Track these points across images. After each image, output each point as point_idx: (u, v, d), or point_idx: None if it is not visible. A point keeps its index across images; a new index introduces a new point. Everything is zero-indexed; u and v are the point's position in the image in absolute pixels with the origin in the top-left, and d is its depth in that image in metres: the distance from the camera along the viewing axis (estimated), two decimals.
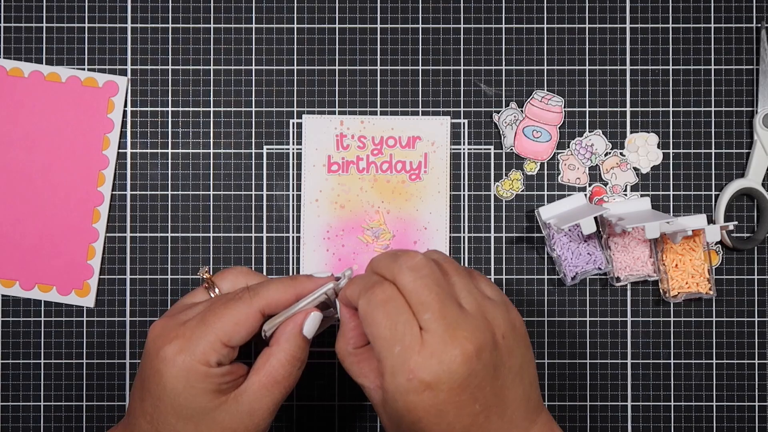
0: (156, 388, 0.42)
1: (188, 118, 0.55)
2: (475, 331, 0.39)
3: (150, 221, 0.55)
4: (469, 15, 0.56)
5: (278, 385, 0.43)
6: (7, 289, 0.55)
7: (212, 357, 0.42)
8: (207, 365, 0.42)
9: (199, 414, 0.42)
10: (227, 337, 0.42)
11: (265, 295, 0.44)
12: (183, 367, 0.41)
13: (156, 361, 0.42)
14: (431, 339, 0.38)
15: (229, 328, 0.42)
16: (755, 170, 0.55)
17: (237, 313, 0.43)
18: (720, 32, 0.56)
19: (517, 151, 0.55)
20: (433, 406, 0.38)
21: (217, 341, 0.42)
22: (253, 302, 0.43)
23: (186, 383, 0.41)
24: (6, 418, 0.55)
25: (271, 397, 0.43)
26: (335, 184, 0.55)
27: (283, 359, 0.43)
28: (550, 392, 0.55)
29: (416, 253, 0.41)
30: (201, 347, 0.42)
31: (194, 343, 0.42)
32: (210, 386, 0.42)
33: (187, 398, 0.41)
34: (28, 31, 0.55)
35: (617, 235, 0.54)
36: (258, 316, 0.43)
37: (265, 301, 0.44)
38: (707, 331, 0.55)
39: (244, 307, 0.43)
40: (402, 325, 0.39)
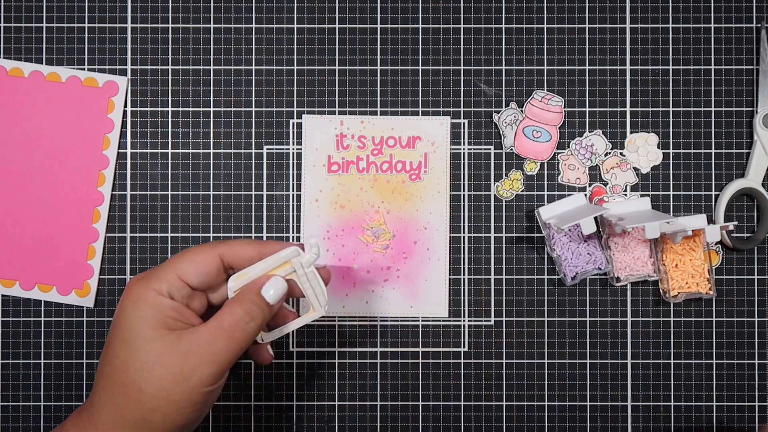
0: (114, 320, 0.44)
1: (188, 118, 0.55)
2: None
3: (150, 221, 0.55)
4: (469, 15, 0.56)
5: (222, 332, 0.43)
6: (7, 289, 0.55)
7: (163, 285, 0.43)
8: (157, 293, 0.43)
9: (140, 340, 0.42)
10: (182, 270, 0.44)
11: (229, 243, 0.45)
12: (135, 292, 0.43)
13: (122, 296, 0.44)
14: None
15: (186, 263, 0.44)
16: (755, 170, 0.55)
17: (197, 253, 0.45)
18: (720, 32, 0.56)
19: (517, 151, 0.55)
20: None
21: (171, 273, 0.44)
22: (214, 246, 0.45)
23: (135, 307, 0.43)
24: (6, 418, 0.55)
25: (212, 343, 0.42)
26: (335, 184, 0.55)
27: (234, 309, 0.43)
28: (550, 392, 0.55)
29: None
30: (156, 276, 0.44)
31: (152, 274, 0.44)
32: (158, 315, 0.43)
33: (132, 320, 0.42)
34: (28, 31, 0.55)
35: (617, 235, 0.54)
36: (216, 259, 0.45)
37: (225, 248, 0.45)
38: (707, 331, 0.55)
39: (204, 247, 0.45)
40: None
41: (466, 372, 0.55)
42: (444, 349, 0.55)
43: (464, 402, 0.55)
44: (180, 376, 0.42)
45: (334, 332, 0.55)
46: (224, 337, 0.43)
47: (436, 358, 0.55)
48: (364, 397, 0.55)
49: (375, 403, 0.55)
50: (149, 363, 0.42)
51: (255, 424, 0.55)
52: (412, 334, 0.55)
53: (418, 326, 0.55)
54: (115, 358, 0.43)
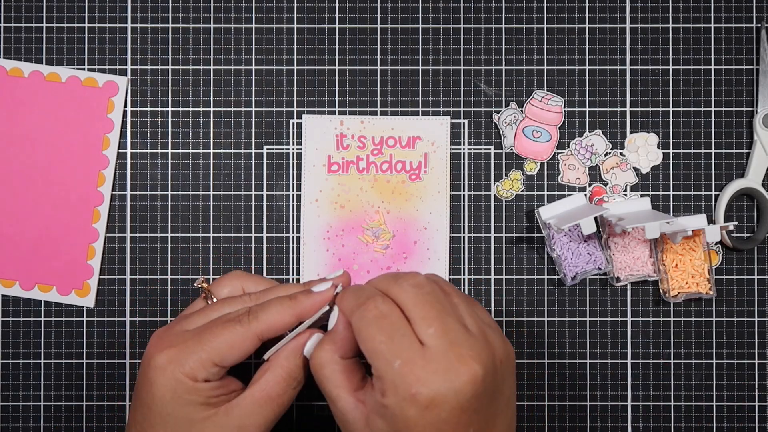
0: (146, 397, 0.42)
1: (188, 118, 0.55)
2: (480, 353, 0.38)
3: (150, 221, 0.55)
4: (469, 15, 0.56)
5: (271, 402, 0.42)
6: (7, 289, 0.55)
7: (200, 373, 0.41)
8: (194, 380, 0.41)
9: (185, 425, 0.41)
10: (219, 357, 0.42)
11: (265, 319, 0.43)
12: (171, 377, 0.41)
13: (148, 369, 0.42)
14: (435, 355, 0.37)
15: (223, 349, 0.42)
16: (755, 170, 0.55)
17: (233, 336, 0.42)
18: (720, 32, 0.56)
19: (517, 151, 0.55)
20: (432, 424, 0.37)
21: (208, 360, 0.41)
22: (251, 326, 0.42)
23: (173, 394, 0.41)
24: (6, 418, 0.55)
25: (262, 413, 0.42)
26: (335, 184, 0.55)
27: (280, 376, 0.43)
28: (550, 392, 0.55)
29: (417, 273, 0.41)
30: (191, 362, 0.41)
31: (185, 356, 0.41)
32: (197, 399, 0.41)
33: (174, 408, 0.41)
34: (28, 31, 0.55)
35: (617, 235, 0.54)
36: (255, 340, 0.43)
37: (264, 326, 0.43)
38: (707, 331, 0.55)
39: (241, 330, 0.42)
40: (399, 338, 0.38)
41: None
42: None
43: None
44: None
45: None
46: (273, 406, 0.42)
47: None
48: None
49: None
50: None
51: None
52: None
53: None
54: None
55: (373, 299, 0.40)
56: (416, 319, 0.38)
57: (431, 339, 0.38)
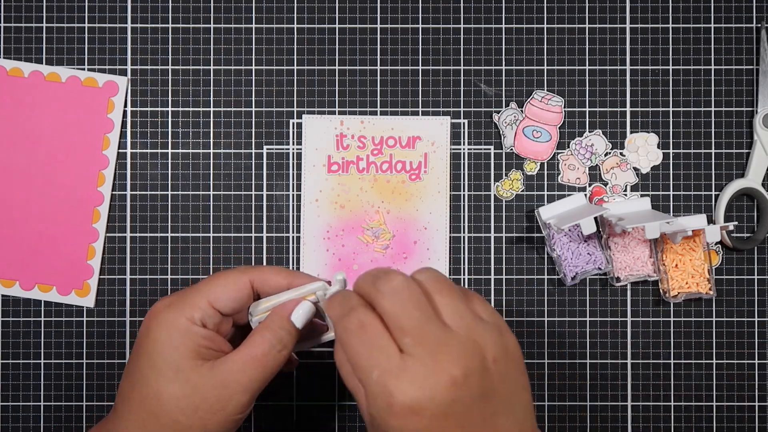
0: (141, 345, 0.43)
1: (188, 118, 0.55)
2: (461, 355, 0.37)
3: (150, 221, 0.55)
4: (469, 15, 0.56)
5: (256, 361, 0.43)
6: (7, 289, 0.55)
7: (196, 313, 0.43)
8: (191, 320, 0.43)
9: (173, 369, 0.42)
10: (215, 297, 0.43)
11: (260, 269, 0.45)
12: (167, 319, 0.43)
13: (147, 320, 0.44)
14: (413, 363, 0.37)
15: (218, 289, 0.44)
16: (755, 170, 0.55)
17: (226, 278, 0.44)
18: (720, 32, 0.56)
19: (517, 151, 0.55)
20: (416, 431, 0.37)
21: (203, 300, 0.43)
22: (245, 272, 0.45)
23: (167, 335, 0.42)
24: (6, 418, 0.55)
25: (246, 372, 0.42)
26: (335, 184, 0.55)
27: (266, 338, 0.43)
28: (550, 392, 0.55)
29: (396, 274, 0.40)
30: (188, 304, 0.43)
31: (182, 300, 0.43)
32: (190, 344, 0.42)
33: (165, 350, 0.42)
34: (28, 31, 0.55)
35: (617, 235, 0.54)
36: (247, 285, 0.44)
37: (257, 274, 0.45)
38: (707, 331, 0.55)
39: (236, 273, 0.45)
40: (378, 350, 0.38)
41: None
42: None
43: None
44: (217, 407, 0.42)
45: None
46: (257, 366, 0.43)
47: None
48: None
49: None
50: (186, 395, 0.42)
51: (255, 424, 0.55)
52: None
53: None
54: (146, 387, 0.42)
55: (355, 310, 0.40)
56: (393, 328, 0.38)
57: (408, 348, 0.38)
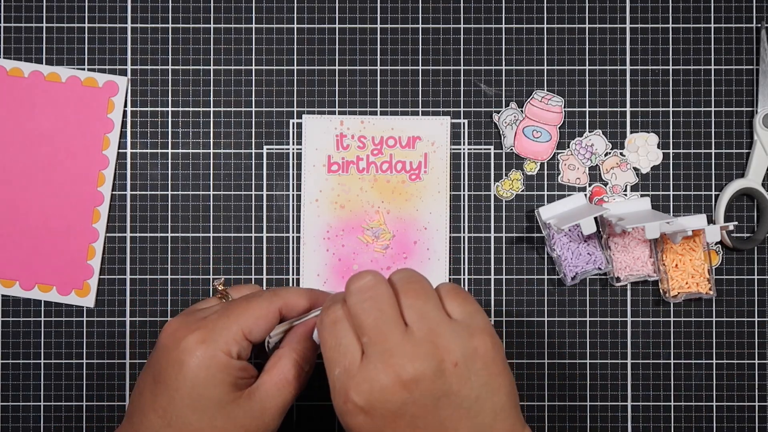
0: (174, 380, 0.42)
1: (188, 118, 0.55)
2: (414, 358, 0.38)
3: (150, 221, 0.55)
4: (469, 15, 0.56)
5: (289, 385, 0.43)
6: (7, 289, 0.55)
7: (234, 348, 0.42)
8: (229, 356, 0.42)
9: (215, 406, 0.42)
10: (249, 329, 0.43)
11: (285, 295, 0.45)
12: (205, 356, 0.41)
13: (176, 352, 0.42)
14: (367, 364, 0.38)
15: (251, 321, 0.43)
16: (755, 170, 0.55)
17: (259, 308, 0.44)
18: (720, 32, 0.56)
19: (517, 151, 0.55)
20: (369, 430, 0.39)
21: (239, 332, 0.43)
22: (273, 300, 0.44)
23: (207, 372, 0.41)
24: (6, 418, 0.55)
25: (281, 396, 0.43)
26: (335, 184, 0.55)
27: (294, 360, 0.44)
28: (550, 392, 0.55)
29: (368, 273, 0.41)
30: (224, 337, 0.42)
31: (217, 334, 0.42)
32: (229, 378, 0.42)
33: (206, 388, 0.41)
34: (28, 31, 0.55)
35: (617, 235, 0.54)
36: (277, 314, 0.44)
37: (284, 301, 0.45)
38: (707, 331, 0.55)
39: (265, 303, 0.44)
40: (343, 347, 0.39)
41: None
42: None
43: None
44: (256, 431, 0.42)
45: None
46: (291, 389, 0.44)
47: None
48: None
49: None
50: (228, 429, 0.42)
51: None
52: None
53: None
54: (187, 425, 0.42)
55: (334, 305, 0.41)
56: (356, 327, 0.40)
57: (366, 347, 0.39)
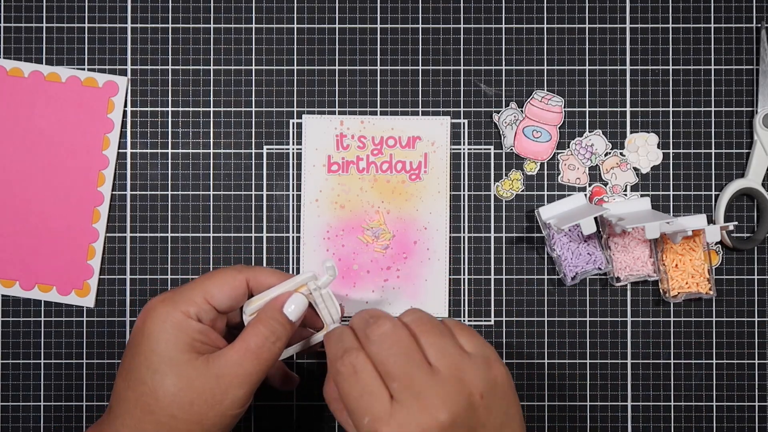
0: (135, 341, 0.43)
1: (188, 118, 0.55)
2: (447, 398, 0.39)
3: (150, 221, 0.55)
4: (469, 15, 0.56)
5: (250, 353, 0.43)
6: (7, 289, 0.55)
7: (192, 308, 0.43)
8: (185, 315, 0.43)
9: (168, 365, 0.42)
10: (211, 293, 0.44)
11: (255, 269, 0.46)
12: (161, 313, 0.43)
13: (142, 315, 0.44)
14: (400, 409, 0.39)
15: (214, 286, 0.44)
16: (755, 170, 0.55)
17: (224, 275, 0.45)
18: (720, 32, 0.56)
19: (517, 151, 0.55)
20: None
21: (199, 295, 0.44)
22: (241, 270, 0.45)
23: (161, 329, 0.42)
24: (6, 418, 0.55)
25: (241, 365, 0.42)
26: (335, 184, 0.55)
27: (259, 330, 0.44)
28: (550, 392, 0.55)
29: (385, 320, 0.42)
30: (184, 299, 0.44)
31: (178, 296, 0.44)
32: (183, 337, 0.42)
33: (160, 344, 0.42)
34: (28, 31, 0.55)
35: (617, 235, 0.54)
36: (243, 284, 0.45)
37: (252, 273, 0.45)
38: (707, 331, 0.55)
39: (231, 272, 0.45)
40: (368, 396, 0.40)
41: None
42: None
43: None
44: (213, 401, 0.42)
45: None
46: (252, 358, 0.43)
47: None
48: None
49: None
50: (181, 389, 0.42)
51: (255, 424, 0.55)
52: None
53: None
54: (142, 384, 0.42)
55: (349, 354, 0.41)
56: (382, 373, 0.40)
57: (396, 393, 0.39)
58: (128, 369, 0.43)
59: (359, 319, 0.43)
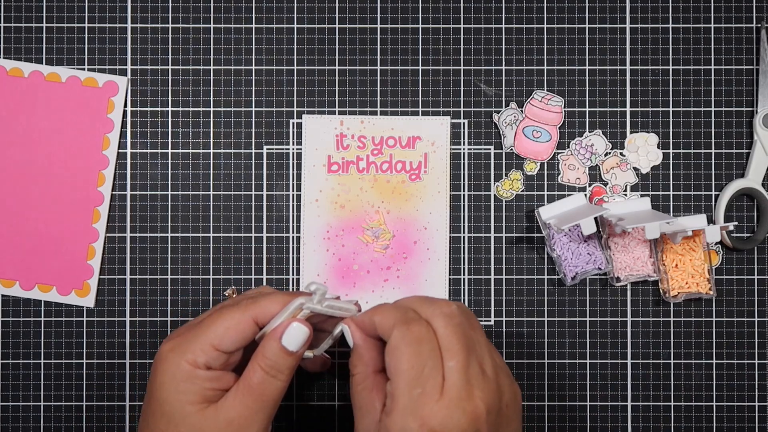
0: (150, 387, 0.43)
1: (188, 118, 0.55)
2: (489, 394, 0.40)
3: (150, 221, 0.55)
4: (469, 15, 0.56)
5: (252, 390, 0.42)
6: (7, 289, 0.55)
7: (200, 357, 0.42)
8: (194, 365, 0.42)
9: (179, 417, 0.42)
10: (218, 339, 0.42)
11: (260, 304, 0.44)
12: (172, 364, 0.42)
13: (155, 362, 0.43)
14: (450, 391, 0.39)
15: (220, 331, 0.43)
16: (755, 170, 0.55)
17: (230, 319, 0.43)
18: (720, 32, 0.56)
19: (517, 151, 0.55)
20: None
21: (207, 343, 0.42)
22: (247, 309, 0.43)
23: (172, 380, 0.42)
24: (6, 418, 0.55)
25: (245, 403, 0.42)
26: (335, 184, 0.55)
27: (258, 365, 0.43)
28: (550, 392, 0.55)
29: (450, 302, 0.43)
30: (192, 347, 0.42)
31: (186, 343, 0.43)
32: (194, 388, 0.42)
33: (170, 396, 0.42)
34: (28, 31, 0.55)
35: (617, 235, 0.54)
36: (251, 323, 0.43)
37: (259, 309, 0.44)
38: (707, 331, 0.55)
39: (237, 313, 0.43)
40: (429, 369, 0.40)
41: None
42: None
43: None
44: None
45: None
46: (253, 395, 0.42)
47: None
48: None
49: None
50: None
51: None
52: None
53: None
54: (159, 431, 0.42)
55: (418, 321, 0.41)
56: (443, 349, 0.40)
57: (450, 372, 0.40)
58: (146, 416, 0.43)
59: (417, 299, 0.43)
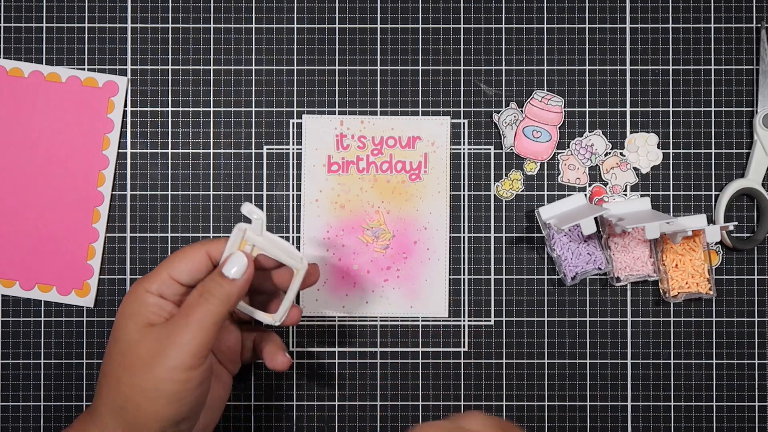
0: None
1: (188, 118, 0.55)
2: None
3: (150, 221, 0.55)
4: (469, 15, 0.56)
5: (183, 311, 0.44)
6: (7, 289, 0.55)
7: (154, 285, 0.45)
8: (147, 291, 0.45)
9: (125, 335, 0.44)
10: (174, 269, 0.46)
11: (213, 242, 0.47)
12: (132, 293, 0.45)
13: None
14: None
15: (176, 261, 0.46)
16: (755, 170, 0.55)
17: (185, 251, 0.46)
18: (720, 32, 0.56)
19: (517, 151, 0.55)
20: None
21: (164, 272, 0.45)
22: (202, 244, 0.46)
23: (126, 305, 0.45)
24: (6, 418, 0.55)
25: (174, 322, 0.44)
26: (335, 184, 0.55)
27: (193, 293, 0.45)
28: (550, 392, 0.55)
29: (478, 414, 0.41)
30: (151, 277, 0.46)
31: (149, 276, 0.46)
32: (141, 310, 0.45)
33: (122, 320, 0.45)
34: (28, 31, 0.55)
35: (617, 235, 0.54)
36: (204, 257, 0.46)
37: (213, 246, 0.46)
38: (707, 331, 0.55)
39: (194, 246, 0.47)
40: None
41: (466, 372, 0.55)
42: (444, 349, 0.55)
43: (464, 402, 0.55)
44: (149, 364, 0.43)
45: (334, 332, 0.55)
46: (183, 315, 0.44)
47: (436, 358, 0.55)
48: (364, 397, 0.55)
49: (375, 403, 0.55)
50: (124, 352, 0.44)
51: (255, 424, 0.55)
52: (412, 334, 0.55)
53: (418, 326, 0.55)
54: (107, 355, 0.45)
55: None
56: None
57: None
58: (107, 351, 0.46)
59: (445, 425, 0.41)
